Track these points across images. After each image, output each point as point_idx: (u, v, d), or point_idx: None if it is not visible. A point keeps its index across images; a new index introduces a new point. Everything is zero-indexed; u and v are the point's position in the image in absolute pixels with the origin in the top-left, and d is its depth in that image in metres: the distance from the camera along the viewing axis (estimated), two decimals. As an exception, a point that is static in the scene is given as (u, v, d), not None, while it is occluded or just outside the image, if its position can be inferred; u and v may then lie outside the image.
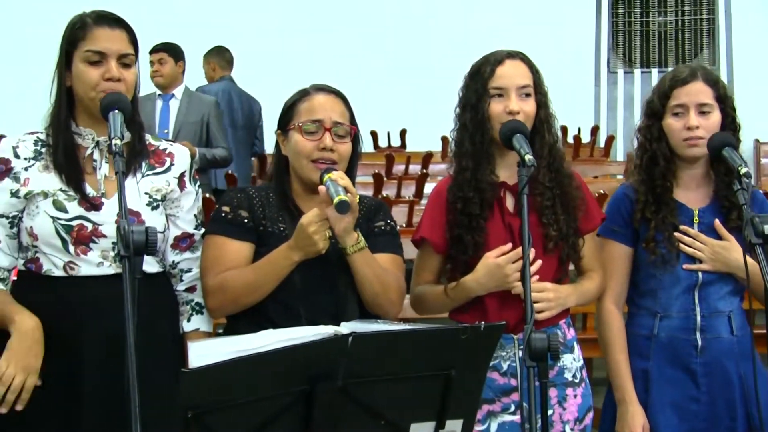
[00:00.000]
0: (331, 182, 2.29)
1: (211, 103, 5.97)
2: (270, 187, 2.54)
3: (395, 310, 2.48)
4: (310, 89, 2.52)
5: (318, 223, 2.29)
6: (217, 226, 2.46)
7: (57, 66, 2.36)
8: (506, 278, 2.43)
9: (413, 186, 6.50)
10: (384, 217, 2.56)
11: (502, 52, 2.55)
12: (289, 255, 2.33)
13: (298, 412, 1.78)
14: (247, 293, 2.37)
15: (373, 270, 2.39)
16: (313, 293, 2.39)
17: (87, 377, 2.29)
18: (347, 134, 2.47)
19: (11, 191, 2.33)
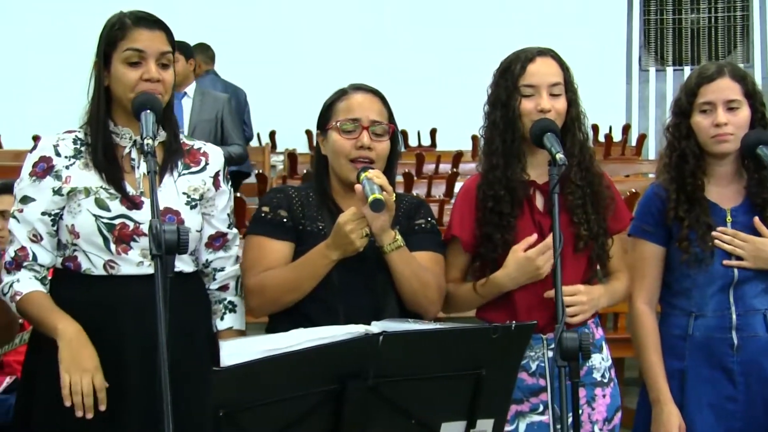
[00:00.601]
0: (367, 181, 2.30)
1: (225, 100, 5.95)
2: (310, 187, 2.56)
3: (434, 309, 2.48)
4: (348, 88, 2.53)
5: (355, 221, 2.30)
6: (257, 226, 2.48)
7: (94, 66, 2.38)
8: (537, 270, 2.42)
9: (443, 185, 6.49)
10: (424, 215, 2.56)
11: (533, 49, 2.54)
12: (327, 254, 2.34)
13: (329, 411, 1.78)
14: (286, 292, 2.39)
15: (411, 268, 2.39)
16: (352, 292, 2.40)
17: (128, 376, 2.31)
18: (385, 133, 2.47)
19: (53, 189, 2.35)
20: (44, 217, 2.36)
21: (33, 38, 8.98)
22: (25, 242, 2.36)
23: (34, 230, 2.36)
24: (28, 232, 2.36)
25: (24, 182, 2.37)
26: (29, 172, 2.37)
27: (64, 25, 8.70)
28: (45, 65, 8.78)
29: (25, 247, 2.36)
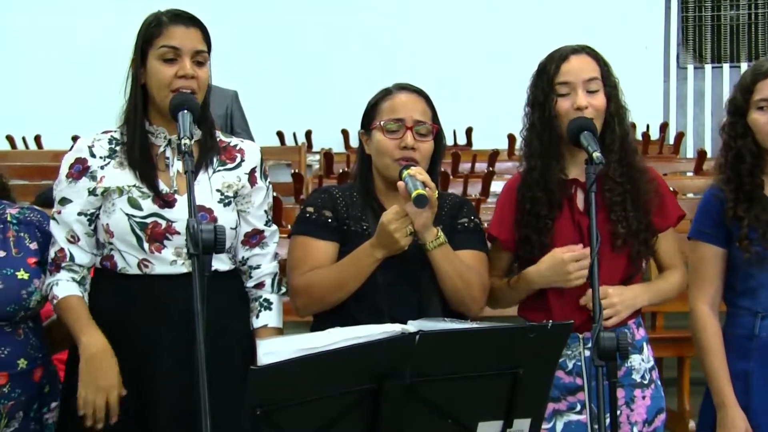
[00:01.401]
0: (409, 177, 2.31)
1: (233, 96, 5.93)
2: (354, 187, 2.57)
3: (477, 307, 2.48)
4: (392, 88, 2.54)
5: (399, 220, 2.31)
6: (301, 226, 2.50)
7: (132, 64, 2.40)
8: (567, 275, 2.41)
9: (479, 184, 6.45)
10: (467, 214, 2.56)
11: (567, 48, 2.53)
12: (372, 253, 2.35)
13: (365, 410, 1.78)
14: (332, 292, 2.40)
15: (453, 266, 2.39)
16: (396, 291, 2.40)
17: (160, 374, 2.33)
18: (429, 133, 2.47)
19: (89, 189, 2.38)
20: (81, 218, 2.38)
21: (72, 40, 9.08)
22: (63, 243, 2.40)
23: (71, 231, 2.39)
24: (66, 233, 2.39)
25: (61, 184, 2.41)
26: (66, 173, 2.40)
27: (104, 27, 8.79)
28: (84, 66, 8.87)
29: (63, 249, 2.40)
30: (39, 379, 2.43)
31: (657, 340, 4.24)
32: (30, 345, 2.40)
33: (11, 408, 2.35)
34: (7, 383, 2.34)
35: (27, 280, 2.38)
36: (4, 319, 2.34)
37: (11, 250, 2.42)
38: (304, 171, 7.88)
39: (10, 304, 2.34)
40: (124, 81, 2.41)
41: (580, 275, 2.40)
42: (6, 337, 2.34)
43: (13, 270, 2.38)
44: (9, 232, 2.45)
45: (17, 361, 2.36)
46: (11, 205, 2.53)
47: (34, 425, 2.42)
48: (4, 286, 2.34)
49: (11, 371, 2.34)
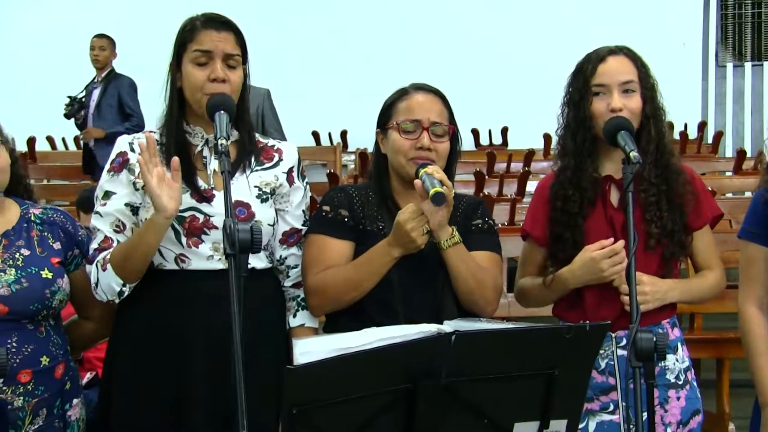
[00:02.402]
0: (426, 176, 2.30)
1: (264, 94, 5.96)
2: (369, 186, 2.57)
3: (490, 308, 2.47)
4: (409, 88, 2.53)
5: (415, 219, 2.31)
6: (317, 225, 2.50)
7: (169, 68, 2.44)
8: (601, 272, 2.40)
9: (515, 184, 6.44)
10: (482, 215, 2.55)
11: (604, 48, 2.52)
12: (389, 251, 2.35)
13: (401, 410, 1.78)
14: (348, 290, 2.40)
15: (467, 266, 2.39)
16: (411, 291, 2.40)
17: (194, 371, 2.34)
18: (445, 133, 2.47)
19: (131, 181, 2.41)
20: (126, 209, 2.40)
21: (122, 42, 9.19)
22: (109, 233, 2.40)
23: (117, 221, 2.40)
24: (110, 224, 2.40)
25: (103, 179, 2.44)
26: (108, 168, 2.44)
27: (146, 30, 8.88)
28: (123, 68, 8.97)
29: (108, 237, 2.39)
30: (61, 376, 2.45)
31: (696, 341, 4.21)
32: (51, 342, 2.43)
33: (35, 405, 2.37)
34: (31, 380, 2.36)
35: (51, 279, 2.41)
36: (27, 317, 2.36)
37: (35, 249, 2.44)
38: (339, 171, 7.91)
39: (34, 303, 2.36)
40: (164, 84, 2.44)
41: (613, 271, 2.39)
42: (29, 335, 2.37)
43: (38, 269, 2.41)
44: (33, 232, 2.47)
45: (40, 358, 2.38)
46: (34, 206, 2.55)
47: (57, 422, 2.44)
48: (28, 284, 2.37)
49: (34, 368, 2.36)
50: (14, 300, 2.33)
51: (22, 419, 2.35)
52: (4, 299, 2.32)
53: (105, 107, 7.29)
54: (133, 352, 2.39)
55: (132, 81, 7.45)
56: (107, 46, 7.46)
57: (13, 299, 2.33)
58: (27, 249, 2.43)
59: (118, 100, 7.31)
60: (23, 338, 2.35)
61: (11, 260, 2.39)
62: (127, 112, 7.27)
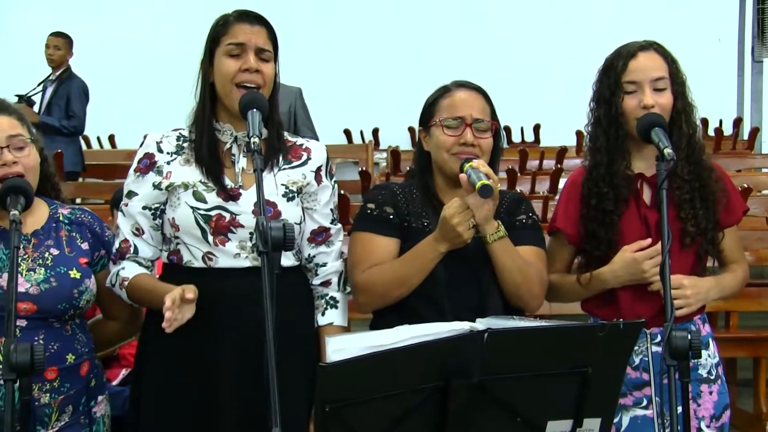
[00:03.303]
0: (472, 169, 2.30)
1: (296, 93, 5.96)
2: (413, 184, 2.58)
3: (536, 303, 2.46)
4: (451, 85, 2.54)
5: (461, 213, 2.30)
6: (363, 223, 2.51)
7: (201, 64, 2.45)
8: (642, 273, 2.41)
9: (547, 181, 6.42)
10: (526, 211, 2.55)
11: (635, 44, 2.51)
12: (436, 247, 2.35)
13: (434, 408, 1.78)
14: (396, 287, 2.40)
15: (513, 260, 2.39)
16: (457, 287, 2.40)
17: (224, 367, 2.35)
18: (488, 129, 2.47)
19: (154, 184, 2.43)
20: (145, 211, 2.44)
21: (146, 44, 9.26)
22: (128, 235, 2.46)
23: (136, 224, 2.45)
24: (131, 225, 2.45)
25: (130, 178, 2.47)
26: (134, 168, 2.46)
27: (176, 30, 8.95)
28: (156, 68, 9.04)
29: (127, 240, 2.46)
30: (86, 374, 2.47)
31: (732, 340, 4.17)
32: (77, 340, 2.45)
33: (61, 402, 2.39)
34: (57, 378, 2.38)
35: (79, 279, 2.43)
36: (55, 316, 2.38)
37: (64, 249, 2.46)
38: (371, 169, 7.92)
39: (62, 302, 2.38)
40: (194, 83, 2.46)
41: (655, 272, 2.38)
42: (55, 333, 2.38)
43: (66, 269, 2.43)
44: (61, 232, 2.49)
45: (66, 356, 2.40)
46: (63, 205, 2.57)
47: (83, 419, 2.46)
48: (57, 284, 2.39)
49: (60, 366, 2.38)
50: (43, 299, 2.36)
51: (49, 416, 2.37)
52: (33, 298, 2.34)
53: (54, 106, 7.33)
54: (162, 350, 2.41)
55: (83, 83, 7.52)
56: (62, 45, 7.49)
57: (42, 298, 2.35)
58: (56, 249, 2.45)
59: (66, 101, 7.36)
60: (50, 336, 2.37)
61: (41, 259, 2.41)
62: (69, 113, 7.32)
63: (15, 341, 1.99)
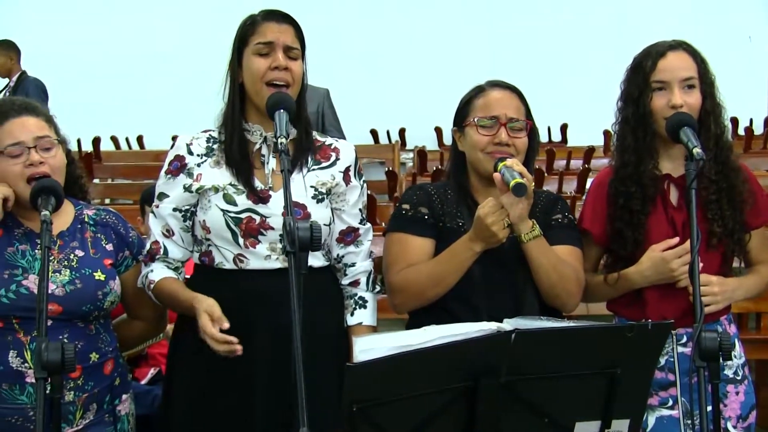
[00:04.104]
0: (506, 168, 2.30)
1: (324, 94, 5.95)
2: (448, 184, 2.58)
3: (574, 302, 2.47)
4: (485, 85, 2.54)
5: (495, 213, 2.30)
6: (398, 223, 2.51)
7: (230, 65, 2.47)
8: (671, 272, 2.40)
9: (575, 181, 6.38)
10: (561, 210, 2.56)
11: (664, 43, 2.49)
12: (471, 246, 2.35)
13: (461, 408, 1.78)
14: (431, 286, 2.41)
15: (549, 259, 2.38)
16: (493, 288, 2.40)
17: (256, 368, 2.37)
18: (523, 129, 2.48)
19: (185, 186, 2.45)
20: (176, 213, 2.46)
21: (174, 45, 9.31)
22: (159, 237, 2.48)
23: (166, 225, 2.47)
24: (162, 227, 2.48)
25: (161, 180, 2.49)
26: (165, 170, 2.48)
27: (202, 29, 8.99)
28: (184, 70, 9.09)
29: (158, 241, 2.48)
30: (110, 373, 2.49)
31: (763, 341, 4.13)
32: (100, 340, 2.47)
33: (86, 400, 2.42)
34: (81, 376, 2.40)
35: (103, 281, 2.45)
36: (79, 317, 2.41)
37: (89, 251, 2.49)
38: (397, 169, 7.91)
39: (86, 304, 2.41)
40: (223, 83, 2.47)
41: (684, 270, 2.37)
42: (79, 332, 2.41)
43: (91, 270, 2.45)
44: (86, 233, 2.52)
45: (89, 355, 2.43)
46: (88, 206, 2.60)
47: (107, 417, 2.49)
48: (82, 285, 2.42)
49: (84, 365, 2.40)
50: (68, 300, 2.38)
51: (73, 413, 2.40)
52: (59, 299, 2.37)
53: None
54: (194, 349, 2.41)
55: (40, 83, 7.61)
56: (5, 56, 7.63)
57: (67, 300, 2.38)
58: (81, 250, 2.48)
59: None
60: (74, 335, 2.39)
61: (66, 261, 2.44)
62: None
63: (46, 340, 2.01)
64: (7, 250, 2.41)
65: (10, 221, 2.44)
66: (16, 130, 2.39)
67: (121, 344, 2.60)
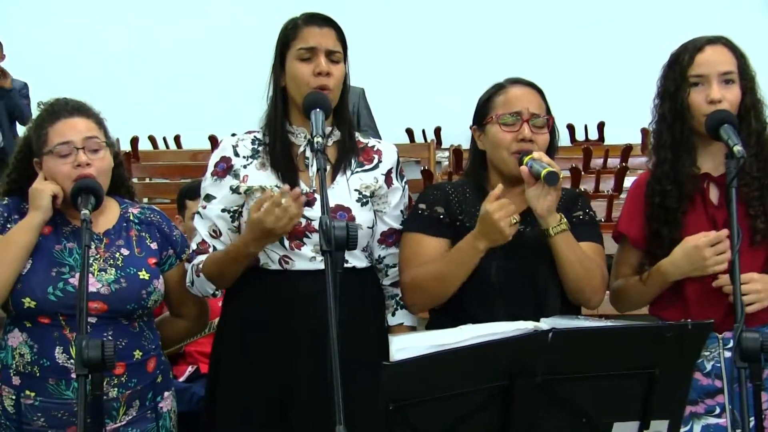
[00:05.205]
0: (533, 161, 2.29)
1: (360, 93, 5.93)
2: (467, 183, 2.56)
3: (598, 298, 2.44)
4: (505, 82, 2.52)
5: (503, 209, 2.27)
6: (413, 223, 2.51)
7: (272, 68, 2.49)
8: (704, 261, 2.32)
9: (612, 180, 6.33)
10: (582, 207, 2.53)
11: (702, 38, 2.46)
12: (475, 243, 2.33)
13: (497, 408, 1.77)
14: (437, 285, 2.40)
15: (575, 254, 2.36)
16: (513, 287, 2.38)
17: (300, 368, 2.38)
18: (545, 125, 2.46)
19: (231, 187, 2.46)
20: (224, 214, 2.47)
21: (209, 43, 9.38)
22: (206, 237, 2.50)
23: (214, 226, 2.48)
24: (208, 227, 2.49)
25: (207, 181, 2.51)
26: (211, 171, 2.50)
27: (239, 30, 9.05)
28: (221, 69, 9.15)
29: (205, 241, 2.50)
30: (152, 370, 2.52)
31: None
32: (144, 337, 2.50)
33: (129, 396, 2.46)
34: (124, 373, 2.44)
35: (148, 280, 2.48)
36: (123, 315, 2.45)
37: (134, 249, 2.52)
38: (433, 168, 7.90)
39: (131, 303, 2.45)
40: (266, 86, 2.49)
41: (717, 260, 2.31)
42: (123, 329, 2.45)
43: (136, 270, 2.48)
44: (131, 231, 2.55)
45: (133, 352, 2.46)
46: (133, 205, 2.63)
47: (150, 413, 2.52)
48: (127, 284, 2.45)
49: (128, 362, 2.44)
50: (113, 299, 2.42)
51: (117, 409, 2.44)
52: (104, 298, 2.41)
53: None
54: (239, 349, 2.45)
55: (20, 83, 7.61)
56: None
57: (112, 298, 2.42)
58: (126, 249, 2.51)
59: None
60: (117, 333, 2.43)
61: (111, 260, 2.47)
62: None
63: (87, 338, 2.05)
64: (55, 248, 2.46)
65: (59, 219, 2.49)
66: (66, 131, 2.44)
67: (164, 342, 2.63)
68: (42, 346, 2.39)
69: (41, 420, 2.40)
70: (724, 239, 2.30)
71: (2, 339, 2.47)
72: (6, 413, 2.41)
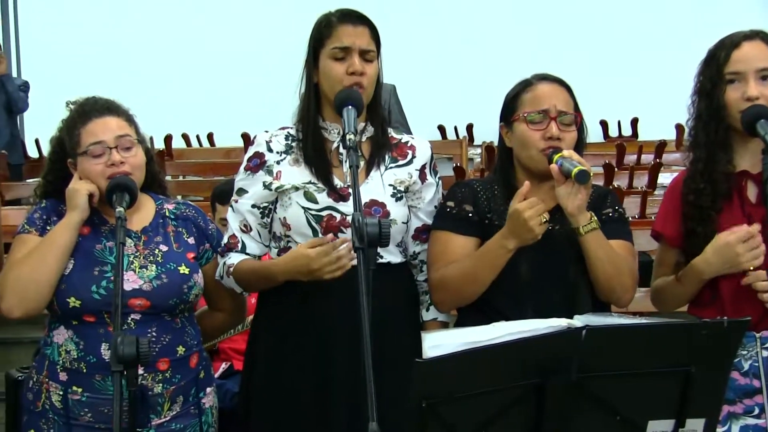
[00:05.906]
0: (563, 159, 2.27)
1: (391, 90, 5.89)
2: (495, 180, 2.54)
3: (628, 296, 2.42)
4: (532, 79, 2.49)
5: (533, 207, 2.26)
6: (441, 221, 2.49)
7: (305, 64, 2.49)
8: (736, 257, 2.28)
9: (646, 176, 6.27)
10: (612, 204, 2.51)
11: (739, 33, 2.42)
12: (504, 243, 2.31)
13: (530, 406, 1.77)
14: (466, 284, 2.39)
15: (606, 252, 2.34)
16: (543, 285, 2.37)
17: (336, 365, 2.39)
18: (572, 122, 2.43)
19: (264, 183, 2.47)
20: (254, 210, 2.48)
21: (241, 40, 9.43)
22: (236, 231, 2.51)
23: (244, 220, 2.50)
24: (239, 222, 2.50)
25: (240, 175, 2.52)
26: (245, 166, 2.51)
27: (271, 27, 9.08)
28: (252, 68, 9.20)
29: (235, 235, 2.51)
30: (195, 366, 2.54)
31: None
32: (186, 333, 2.52)
33: (173, 392, 2.48)
34: (168, 369, 2.46)
35: (188, 275, 2.50)
36: (166, 311, 2.47)
37: (172, 245, 2.54)
38: (465, 165, 7.87)
39: (173, 298, 2.46)
40: (299, 82, 2.49)
41: (750, 256, 2.27)
42: (166, 325, 2.47)
43: (176, 265, 2.50)
44: (168, 227, 2.57)
45: (176, 348, 2.48)
46: (168, 200, 2.65)
47: (193, 409, 2.54)
48: (168, 280, 2.47)
49: (171, 358, 2.46)
50: (155, 295, 2.44)
51: (161, 405, 2.46)
52: (147, 294, 2.43)
53: None
54: (275, 345, 2.46)
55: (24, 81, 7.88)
56: None
57: (154, 294, 2.44)
58: (165, 245, 2.53)
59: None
60: (161, 329, 2.45)
61: (151, 256, 2.49)
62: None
63: (122, 334, 2.06)
64: (96, 248, 2.48)
65: (97, 219, 2.52)
66: (98, 130, 2.46)
67: (203, 336, 2.65)
68: (88, 343, 2.42)
69: (88, 415, 2.43)
70: (756, 234, 2.27)
71: (48, 336, 2.50)
72: (54, 408, 2.44)
